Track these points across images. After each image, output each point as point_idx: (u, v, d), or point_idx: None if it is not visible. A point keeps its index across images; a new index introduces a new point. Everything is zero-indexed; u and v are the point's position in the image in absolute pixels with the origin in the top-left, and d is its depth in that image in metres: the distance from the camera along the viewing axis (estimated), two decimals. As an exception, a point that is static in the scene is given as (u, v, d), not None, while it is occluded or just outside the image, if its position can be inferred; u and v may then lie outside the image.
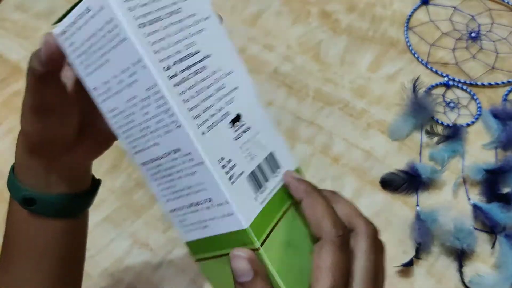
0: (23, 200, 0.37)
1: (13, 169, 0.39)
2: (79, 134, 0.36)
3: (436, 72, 0.72)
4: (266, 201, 0.29)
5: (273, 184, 0.30)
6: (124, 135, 0.29)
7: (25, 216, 0.38)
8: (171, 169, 0.28)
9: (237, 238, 0.28)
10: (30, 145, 0.37)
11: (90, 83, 0.29)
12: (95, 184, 0.42)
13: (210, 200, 0.28)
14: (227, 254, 0.28)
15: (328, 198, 0.30)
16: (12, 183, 0.38)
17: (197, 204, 0.28)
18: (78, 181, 0.39)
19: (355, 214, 0.30)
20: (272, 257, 0.28)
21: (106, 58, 0.28)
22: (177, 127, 0.27)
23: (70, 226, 0.40)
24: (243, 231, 0.27)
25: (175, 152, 0.28)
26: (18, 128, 0.73)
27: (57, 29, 0.29)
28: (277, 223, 0.29)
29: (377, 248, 0.29)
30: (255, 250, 0.28)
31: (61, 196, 0.38)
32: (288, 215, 0.30)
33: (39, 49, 0.30)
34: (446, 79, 0.71)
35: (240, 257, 0.27)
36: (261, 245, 0.28)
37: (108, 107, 0.29)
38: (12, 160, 0.68)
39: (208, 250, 0.29)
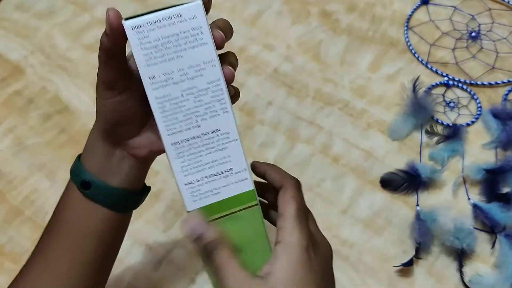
0: (82, 183, 0.41)
1: (79, 156, 0.43)
2: (143, 121, 0.41)
3: (436, 72, 0.72)
4: None
5: None
6: (166, 118, 0.36)
7: (78, 198, 0.41)
8: (202, 147, 0.37)
9: (243, 198, 0.37)
10: (102, 124, 0.40)
11: (149, 71, 0.35)
12: (146, 189, 0.46)
13: (230, 170, 0.37)
14: (232, 213, 0.37)
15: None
16: (76, 167, 0.42)
17: (217, 174, 0.37)
18: (133, 179, 0.43)
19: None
20: None
21: (179, 54, 0.35)
22: (225, 112, 0.36)
23: (116, 219, 0.43)
24: (251, 190, 0.38)
25: (213, 132, 0.37)
26: (18, 128, 0.74)
27: (131, 22, 0.35)
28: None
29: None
30: (254, 205, 0.38)
31: (115, 188, 0.41)
32: None
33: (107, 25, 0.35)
34: (446, 78, 0.71)
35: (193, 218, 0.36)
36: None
37: (160, 93, 0.36)
38: (12, 160, 0.68)
39: (211, 214, 0.37)
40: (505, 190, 0.61)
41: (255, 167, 0.41)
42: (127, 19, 0.35)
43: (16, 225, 0.63)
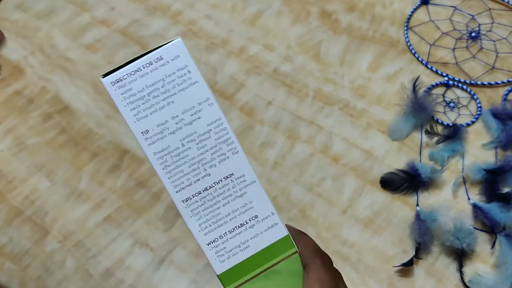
0: None
1: None
2: None
3: (436, 72, 0.72)
4: None
5: None
6: (170, 174, 0.33)
7: None
8: (218, 197, 0.33)
9: (278, 247, 0.33)
10: None
11: (141, 126, 0.32)
12: None
13: (256, 217, 0.33)
14: (269, 267, 0.33)
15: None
16: None
17: (241, 225, 0.33)
18: None
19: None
20: None
21: (169, 100, 0.32)
22: (234, 153, 0.33)
23: None
24: (286, 237, 0.33)
25: (226, 179, 0.33)
26: (18, 128, 0.74)
27: (110, 77, 0.32)
28: None
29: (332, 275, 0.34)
30: (293, 253, 0.34)
31: None
32: None
33: None
34: (446, 78, 0.71)
35: None
36: None
37: (158, 148, 0.33)
38: (12, 160, 0.68)
39: (244, 273, 0.33)
40: (505, 190, 0.61)
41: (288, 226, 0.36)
42: (104, 75, 0.32)
43: (16, 225, 0.63)
